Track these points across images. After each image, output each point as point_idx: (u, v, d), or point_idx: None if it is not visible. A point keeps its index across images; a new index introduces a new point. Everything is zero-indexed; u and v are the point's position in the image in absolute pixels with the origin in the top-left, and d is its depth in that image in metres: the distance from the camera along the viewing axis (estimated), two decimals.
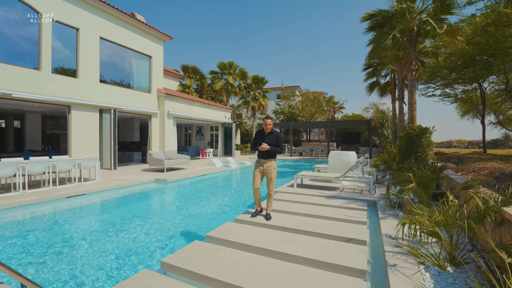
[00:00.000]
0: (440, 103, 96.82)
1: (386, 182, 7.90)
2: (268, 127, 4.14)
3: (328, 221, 4.12)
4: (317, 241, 3.31)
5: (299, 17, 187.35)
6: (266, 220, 4.05)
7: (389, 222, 4.09)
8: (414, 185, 4.01)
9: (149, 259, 3.25)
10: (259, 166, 4.17)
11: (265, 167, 4.13)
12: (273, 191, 4.21)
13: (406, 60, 8.78)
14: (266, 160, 4.15)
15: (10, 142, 14.85)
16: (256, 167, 4.18)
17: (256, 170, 4.16)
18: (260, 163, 4.17)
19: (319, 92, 31.24)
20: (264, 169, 4.13)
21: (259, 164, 4.17)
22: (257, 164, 4.20)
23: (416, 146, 6.96)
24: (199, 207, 5.74)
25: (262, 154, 4.14)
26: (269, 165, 4.13)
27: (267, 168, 4.13)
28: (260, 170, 4.14)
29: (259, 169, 4.14)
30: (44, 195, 6.00)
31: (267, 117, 4.17)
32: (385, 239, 3.43)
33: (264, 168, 4.13)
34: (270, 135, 4.20)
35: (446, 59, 13.76)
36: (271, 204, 4.25)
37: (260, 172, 4.14)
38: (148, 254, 3.40)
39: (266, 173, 4.15)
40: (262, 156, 4.15)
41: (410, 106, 9.02)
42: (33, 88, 8.88)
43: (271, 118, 4.20)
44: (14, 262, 3.11)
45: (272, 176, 4.13)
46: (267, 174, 4.15)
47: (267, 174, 4.15)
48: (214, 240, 3.45)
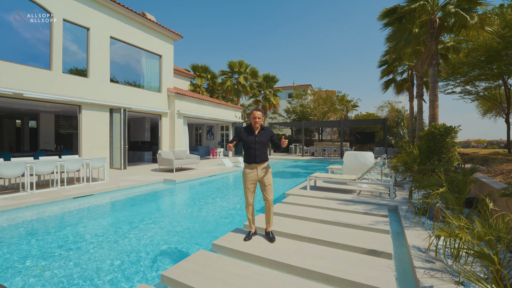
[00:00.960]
0: (457, 102, 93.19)
1: (407, 185, 7.40)
2: (257, 122, 3.25)
3: (347, 229, 3.75)
4: (335, 253, 2.96)
5: (310, 16, 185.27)
6: (270, 242, 3.21)
7: (416, 232, 3.68)
8: (445, 190, 3.57)
9: (149, 271, 2.99)
10: (251, 173, 3.23)
11: (260, 174, 3.24)
12: (272, 201, 3.34)
13: (427, 54, 8.21)
14: (261, 164, 3.25)
15: (26, 142, 15.16)
16: (247, 177, 3.23)
17: (248, 181, 3.23)
18: (251, 170, 3.24)
19: (332, 91, 30.53)
20: (259, 177, 3.24)
21: (251, 171, 3.24)
22: (247, 172, 3.25)
23: (440, 147, 6.45)
24: (207, 210, 5.47)
25: (254, 157, 3.21)
26: (266, 170, 3.28)
27: (263, 174, 3.24)
28: (254, 179, 3.24)
29: (252, 178, 3.23)
30: (51, 195, 5.90)
31: (257, 109, 3.28)
32: (413, 252, 3.03)
33: (259, 175, 3.24)
34: (261, 132, 3.32)
35: (467, 54, 12.97)
36: (272, 219, 3.39)
37: (253, 182, 3.24)
38: (148, 263, 3.14)
39: (262, 180, 3.25)
40: (254, 160, 3.22)
41: (431, 104, 8.44)
42: (44, 88, 8.89)
43: (261, 110, 3.36)
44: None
45: (271, 182, 3.30)
46: (264, 181, 3.25)
47: (264, 182, 3.25)
48: (221, 249, 3.15)
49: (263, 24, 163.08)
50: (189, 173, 9.82)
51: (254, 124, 3.28)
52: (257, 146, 3.24)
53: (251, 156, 3.23)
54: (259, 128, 3.33)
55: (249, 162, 3.26)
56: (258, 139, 3.26)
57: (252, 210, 3.35)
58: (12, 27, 8.40)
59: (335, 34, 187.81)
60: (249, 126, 3.38)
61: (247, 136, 3.29)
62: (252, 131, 3.31)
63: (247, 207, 3.33)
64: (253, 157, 3.22)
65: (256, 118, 3.25)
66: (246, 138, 3.28)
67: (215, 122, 19.33)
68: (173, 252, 3.45)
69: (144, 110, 12.34)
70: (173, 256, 3.35)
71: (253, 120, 3.27)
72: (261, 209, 5.30)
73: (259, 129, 3.32)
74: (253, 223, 3.40)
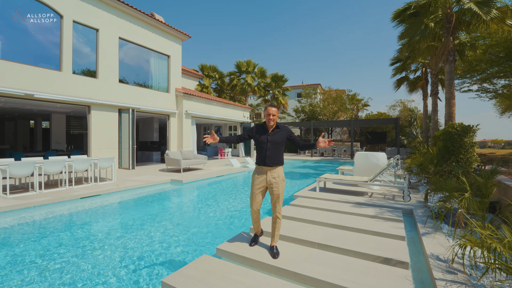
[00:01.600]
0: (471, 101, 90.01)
1: (422, 188, 7.07)
2: (272, 119, 2.88)
3: (359, 234, 3.53)
4: (347, 261, 2.76)
5: (318, 16, 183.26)
6: (273, 258, 2.80)
7: (434, 239, 3.43)
8: (469, 195, 3.30)
9: (149, 277, 2.87)
10: (260, 177, 2.90)
11: (270, 179, 2.86)
12: (281, 213, 2.96)
13: (443, 50, 7.83)
14: (272, 168, 2.88)
15: (39, 142, 15.48)
16: (256, 179, 2.91)
17: (256, 184, 2.91)
18: (262, 173, 2.91)
19: (342, 90, 30.03)
20: (269, 182, 2.87)
21: (261, 174, 2.91)
22: (257, 174, 2.93)
23: (458, 147, 6.12)
24: (213, 212, 5.34)
25: (264, 158, 2.86)
26: (276, 176, 2.88)
27: (272, 181, 2.86)
28: (262, 184, 2.90)
29: (261, 182, 2.90)
30: (59, 195, 5.91)
31: (272, 105, 2.90)
32: (432, 262, 2.80)
33: (268, 180, 2.87)
34: (276, 130, 2.94)
35: (485, 51, 12.39)
36: (279, 233, 2.98)
37: (261, 187, 2.91)
38: (148, 269, 3.02)
39: (271, 188, 2.88)
40: (264, 161, 2.87)
41: (448, 102, 8.05)
42: (54, 89, 9.00)
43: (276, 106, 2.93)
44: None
45: (280, 192, 2.88)
46: (273, 189, 2.86)
47: (273, 189, 2.87)
48: (225, 255, 3.01)
49: (272, 25, 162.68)
50: (197, 173, 9.74)
51: (268, 121, 2.90)
52: (269, 146, 2.87)
53: (261, 157, 2.90)
54: (274, 126, 2.94)
55: (259, 163, 2.92)
56: (271, 138, 2.87)
57: (257, 216, 3.05)
58: (23, 29, 8.52)
59: (344, 33, 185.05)
60: (263, 124, 3.01)
61: (259, 135, 2.94)
62: (266, 130, 2.95)
63: (254, 214, 3.03)
64: (263, 158, 2.87)
65: (271, 115, 2.86)
66: (257, 137, 2.94)
67: (223, 122, 19.27)
68: (175, 257, 3.33)
69: (152, 110, 12.37)
70: (176, 261, 3.22)
71: (267, 117, 2.88)
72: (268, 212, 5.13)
73: (273, 127, 2.94)
74: (258, 226, 3.14)
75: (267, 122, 2.92)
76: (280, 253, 2.91)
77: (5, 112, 13.55)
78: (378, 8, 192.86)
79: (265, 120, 2.94)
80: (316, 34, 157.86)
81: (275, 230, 2.95)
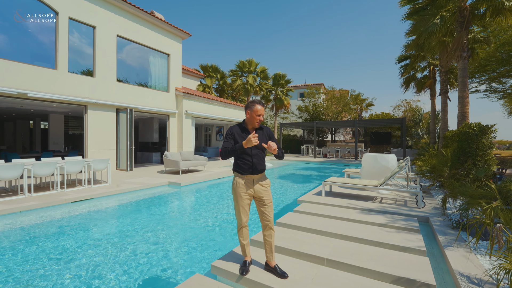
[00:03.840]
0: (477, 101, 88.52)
1: (435, 192, 6.63)
2: (260, 121, 2.49)
3: (373, 247, 3.12)
4: (362, 282, 2.36)
5: (321, 15, 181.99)
6: (283, 278, 2.39)
7: (460, 253, 3.01)
8: (500, 203, 2.88)
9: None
10: (245, 186, 2.45)
11: (258, 188, 2.47)
12: (273, 222, 2.54)
13: (457, 46, 7.38)
14: (258, 176, 2.49)
15: (37, 142, 15.23)
16: (240, 190, 2.44)
17: (242, 196, 2.43)
18: (246, 182, 2.46)
19: (345, 90, 29.54)
20: (256, 191, 2.47)
21: (246, 184, 2.45)
22: (239, 184, 2.45)
23: (475, 148, 5.68)
24: (210, 220, 4.95)
25: (251, 166, 2.44)
26: (265, 183, 2.52)
27: (260, 189, 2.47)
28: (249, 194, 2.46)
29: (247, 193, 2.45)
30: (48, 199, 5.56)
31: (259, 102, 2.47)
32: (462, 284, 2.39)
33: (255, 189, 2.46)
34: (259, 132, 2.53)
35: (496, 49, 11.94)
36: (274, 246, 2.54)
37: (249, 198, 2.47)
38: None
39: (260, 197, 2.48)
40: (250, 170, 2.44)
41: (461, 101, 7.59)
42: (49, 88, 8.69)
43: (263, 104, 2.52)
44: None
45: (271, 199, 2.54)
46: (263, 198, 2.47)
47: (263, 199, 2.47)
48: (221, 273, 2.61)
49: (274, 25, 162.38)
50: (196, 175, 9.37)
51: (253, 123, 2.47)
52: (255, 151, 2.46)
53: (246, 164, 2.44)
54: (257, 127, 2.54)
55: (243, 172, 2.45)
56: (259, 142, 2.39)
57: (246, 233, 2.53)
58: (16, 25, 8.22)
59: (347, 33, 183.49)
60: (243, 124, 2.55)
61: (241, 137, 2.47)
62: (248, 132, 2.50)
63: (240, 229, 2.51)
64: (249, 166, 2.43)
65: (261, 116, 2.46)
66: (239, 138, 2.47)
67: (225, 123, 18.90)
68: (163, 275, 2.94)
69: (151, 110, 12.03)
70: (163, 280, 2.84)
71: (254, 118, 2.45)
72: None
73: (256, 128, 2.53)
74: (247, 253, 2.57)
75: (252, 123, 2.49)
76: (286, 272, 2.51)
77: (3, 112, 13.30)
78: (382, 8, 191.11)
79: (248, 119, 2.51)
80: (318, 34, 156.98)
81: (272, 244, 2.51)
